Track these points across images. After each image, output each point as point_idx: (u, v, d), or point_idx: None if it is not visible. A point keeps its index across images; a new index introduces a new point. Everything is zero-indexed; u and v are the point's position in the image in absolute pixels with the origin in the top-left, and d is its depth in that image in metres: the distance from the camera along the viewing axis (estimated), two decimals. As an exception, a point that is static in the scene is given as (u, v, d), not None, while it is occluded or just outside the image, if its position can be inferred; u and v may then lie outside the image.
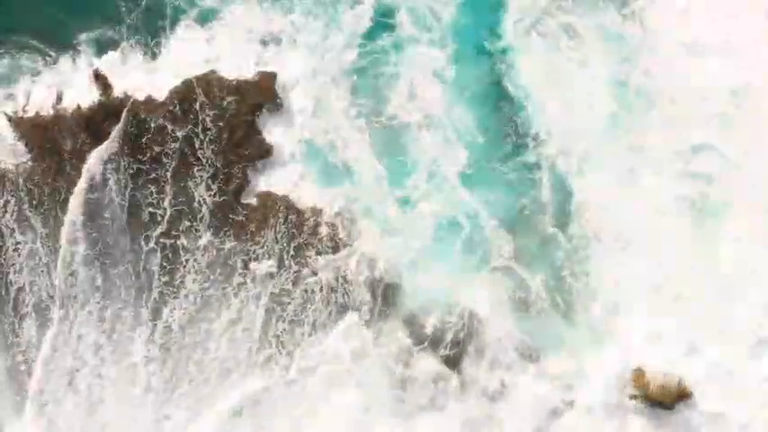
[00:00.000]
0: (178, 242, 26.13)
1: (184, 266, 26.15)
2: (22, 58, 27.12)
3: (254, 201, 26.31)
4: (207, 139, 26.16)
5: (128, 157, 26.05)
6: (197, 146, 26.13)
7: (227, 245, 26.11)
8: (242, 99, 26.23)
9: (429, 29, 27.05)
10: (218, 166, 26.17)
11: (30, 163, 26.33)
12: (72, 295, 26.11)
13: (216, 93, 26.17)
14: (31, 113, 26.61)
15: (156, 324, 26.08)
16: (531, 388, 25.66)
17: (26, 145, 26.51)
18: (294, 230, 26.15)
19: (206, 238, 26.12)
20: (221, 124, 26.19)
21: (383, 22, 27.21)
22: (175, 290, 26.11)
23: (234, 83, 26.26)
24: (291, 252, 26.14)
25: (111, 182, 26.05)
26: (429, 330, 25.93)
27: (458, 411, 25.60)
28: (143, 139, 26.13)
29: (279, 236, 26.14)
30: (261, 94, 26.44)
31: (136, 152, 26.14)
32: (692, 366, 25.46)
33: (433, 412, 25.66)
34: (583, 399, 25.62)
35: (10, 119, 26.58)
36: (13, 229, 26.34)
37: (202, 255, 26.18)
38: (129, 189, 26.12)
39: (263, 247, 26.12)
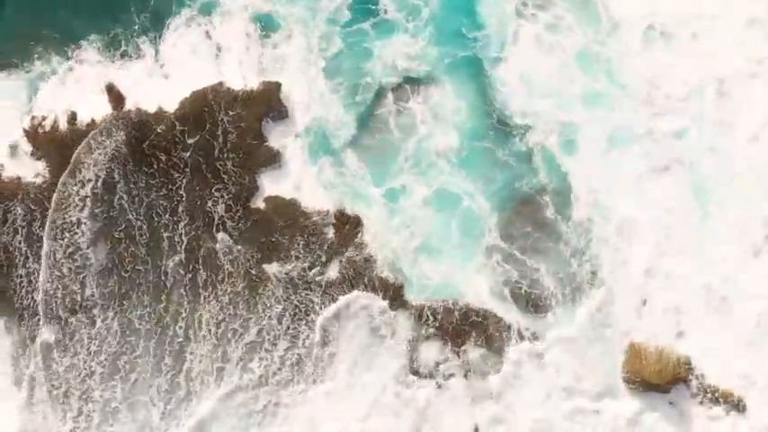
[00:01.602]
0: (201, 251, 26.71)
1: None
2: (36, 69, 27.96)
3: (262, 205, 26.99)
4: (218, 149, 26.86)
5: (137, 168, 26.77)
6: (209, 155, 26.82)
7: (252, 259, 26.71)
8: (249, 109, 27.00)
9: (413, 13, 27.77)
10: (232, 175, 26.85)
11: (48, 176, 27.10)
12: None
13: (224, 103, 26.94)
14: (47, 128, 27.38)
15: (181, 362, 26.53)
16: (529, 371, 25.98)
17: (43, 159, 27.30)
18: (305, 236, 26.86)
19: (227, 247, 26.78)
20: (231, 133, 26.90)
21: (366, 8, 27.96)
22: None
23: (240, 93, 27.02)
24: (323, 258, 26.72)
25: (120, 189, 26.63)
26: (435, 319, 26.40)
27: (462, 391, 26.05)
28: (154, 151, 26.83)
29: (307, 243, 26.69)
30: (266, 103, 27.15)
31: (147, 163, 26.85)
32: (687, 347, 25.68)
33: (440, 392, 26.19)
34: (580, 381, 25.93)
35: (27, 134, 27.40)
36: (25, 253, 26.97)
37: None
38: (144, 205, 26.75)
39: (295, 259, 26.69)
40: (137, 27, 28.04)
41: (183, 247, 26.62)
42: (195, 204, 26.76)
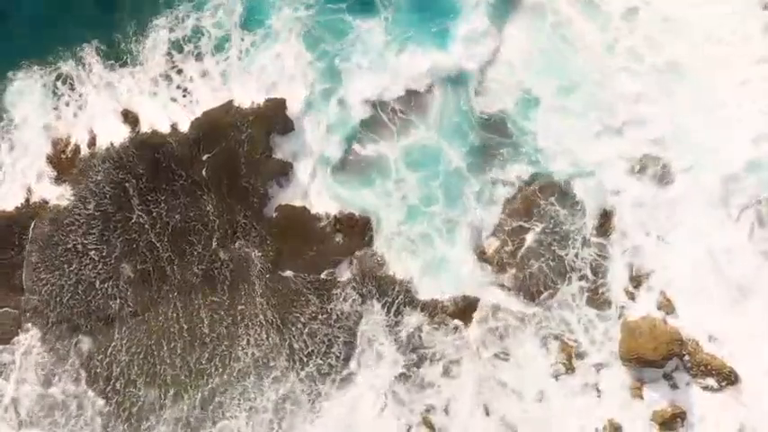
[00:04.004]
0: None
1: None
2: (55, 72, 28.83)
3: (274, 214, 28.24)
4: (236, 165, 27.94)
5: (154, 185, 27.75)
6: (224, 172, 27.88)
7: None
8: (258, 125, 28.13)
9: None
10: (248, 189, 27.98)
11: (72, 199, 27.99)
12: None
13: (236, 121, 28.09)
14: (69, 153, 28.40)
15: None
16: (529, 354, 27.09)
17: (67, 183, 28.22)
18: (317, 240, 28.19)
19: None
20: (244, 149, 28.01)
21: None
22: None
23: (248, 111, 28.20)
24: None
25: (135, 205, 27.57)
26: (442, 310, 27.64)
27: (468, 378, 27.19)
28: (171, 169, 27.85)
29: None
30: (273, 119, 28.37)
31: (163, 183, 27.88)
32: (680, 322, 26.57)
33: (448, 379, 27.38)
34: (577, 363, 26.98)
35: (51, 160, 28.44)
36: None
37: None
38: (168, 235, 27.72)
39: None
40: (132, 31, 29.01)
41: (227, 276, 27.89)
42: (221, 223, 27.90)
